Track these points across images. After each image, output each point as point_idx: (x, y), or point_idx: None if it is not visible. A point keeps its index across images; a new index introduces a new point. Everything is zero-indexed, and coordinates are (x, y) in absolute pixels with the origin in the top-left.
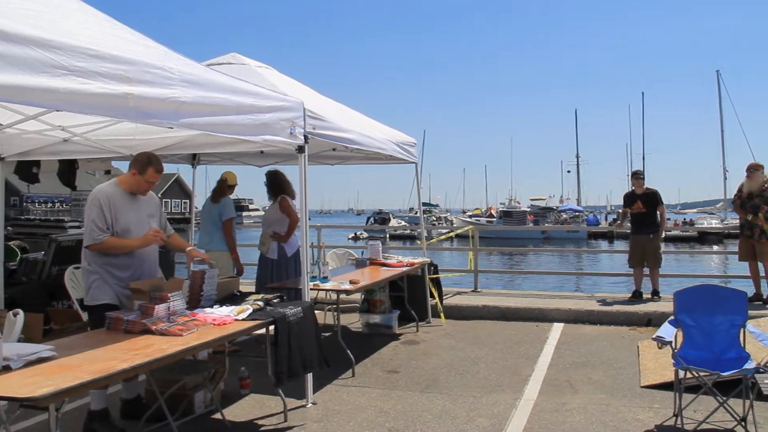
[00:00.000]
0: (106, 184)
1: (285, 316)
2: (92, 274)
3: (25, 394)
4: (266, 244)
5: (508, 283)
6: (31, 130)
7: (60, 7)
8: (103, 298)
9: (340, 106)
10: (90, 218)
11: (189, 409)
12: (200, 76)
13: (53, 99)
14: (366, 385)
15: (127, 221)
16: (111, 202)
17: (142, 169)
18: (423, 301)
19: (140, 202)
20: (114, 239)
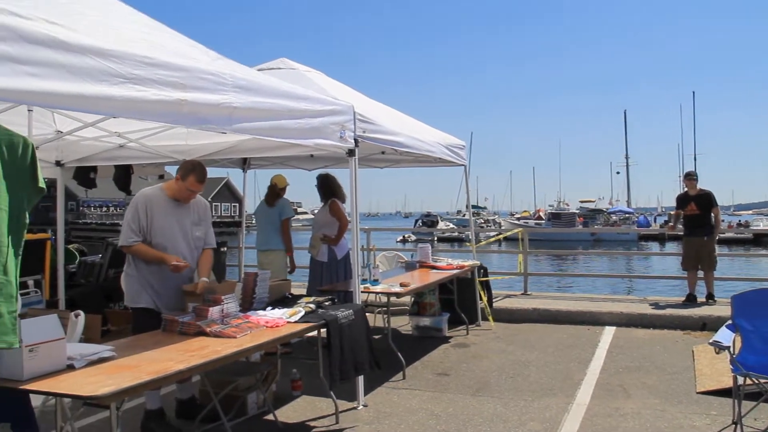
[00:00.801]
0: (152, 188)
1: (336, 319)
2: (131, 277)
3: (89, 393)
4: (316, 246)
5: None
6: (89, 137)
7: (117, 17)
8: (140, 302)
9: (389, 109)
10: (126, 220)
11: (242, 410)
12: (252, 81)
13: (111, 106)
14: (417, 387)
15: (164, 226)
16: (149, 206)
17: (184, 176)
18: (473, 304)
19: (183, 209)
20: (142, 246)
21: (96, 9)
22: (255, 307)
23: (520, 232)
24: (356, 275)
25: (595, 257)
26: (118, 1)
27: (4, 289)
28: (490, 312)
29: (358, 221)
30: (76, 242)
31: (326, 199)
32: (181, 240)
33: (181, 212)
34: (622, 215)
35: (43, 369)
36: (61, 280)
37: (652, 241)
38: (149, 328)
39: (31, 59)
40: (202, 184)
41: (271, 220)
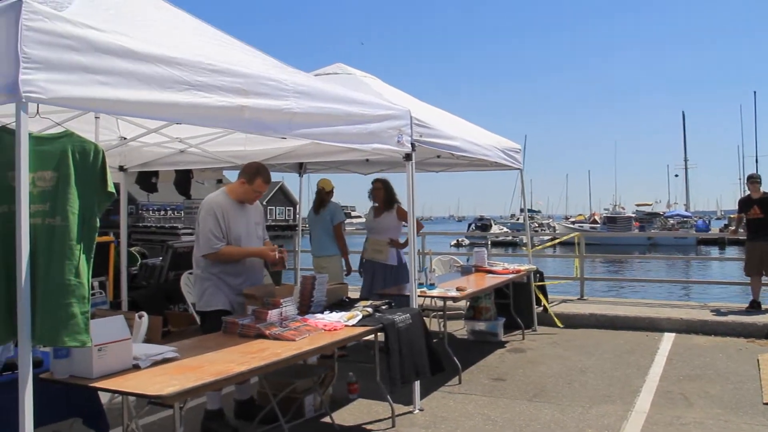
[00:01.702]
0: (216, 194)
1: (394, 323)
2: (205, 281)
3: (154, 392)
4: (383, 251)
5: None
6: (151, 143)
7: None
8: (216, 305)
9: (444, 113)
10: (207, 228)
11: (299, 412)
12: (312, 87)
13: (177, 113)
14: (472, 392)
15: (238, 229)
16: (224, 211)
17: (251, 179)
18: (529, 308)
19: (248, 211)
20: (230, 247)
21: (162, 19)
22: (313, 310)
23: (577, 236)
24: (413, 279)
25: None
26: (182, 12)
27: (77, 291)
28: (553, 316)
29: (415, 225)
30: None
31: (389, 203)
32: (254, 240)
33: (247, 214)
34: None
35: (110, 368)
36: (124, 282)
37: (711, 246)
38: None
39: (103, 68)
40: (267, 185)
41: (324, 226)
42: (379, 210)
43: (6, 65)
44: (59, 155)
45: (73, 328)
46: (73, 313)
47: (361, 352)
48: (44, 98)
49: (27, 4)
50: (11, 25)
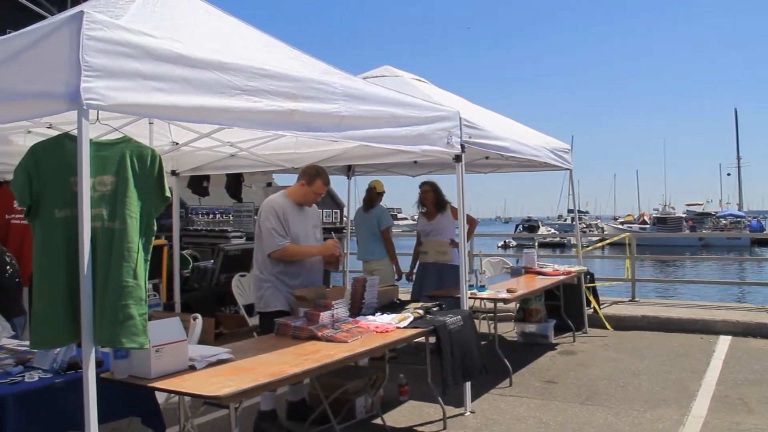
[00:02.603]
0: (276, 196)
1: (445, 325)
2: (265, 282)
3: (211, 393)
4: (448, 252)
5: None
6: (203, 147)
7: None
8: (275, 305)
9: (493, 114)
10: (269, 227)
11: (350, 414)
12: (360, 90)
13: (229, 117)
14: (524, 394)
15: (297, 231)
16: (285, 212)
17: (311, 181)
18: (579, 310)
19: (306, 213)
20: (295, 246)
21: (212, 25)
22: (364, 312)
23: (627, 236)
24: (464, 281)
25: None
26: (231, 17)
27: (135, 293)
28: (603, 318)
29: (465, 226)
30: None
31: (441, 205)
32: (313, 241)
33: (306, 216)
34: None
35: (167, 369)
36: (176, 285)
37: (765, 247)
38: None
39: (159, 75)
40: (327, 187)
41: (371, 230)
42: (431, 213)
43: (68, 74)
44: (118, 160)
45: (132, 329)
46: (132, 314)
47: (411, 354)
48: (104, 105)
49: (88, 14)
50: (73, 35)
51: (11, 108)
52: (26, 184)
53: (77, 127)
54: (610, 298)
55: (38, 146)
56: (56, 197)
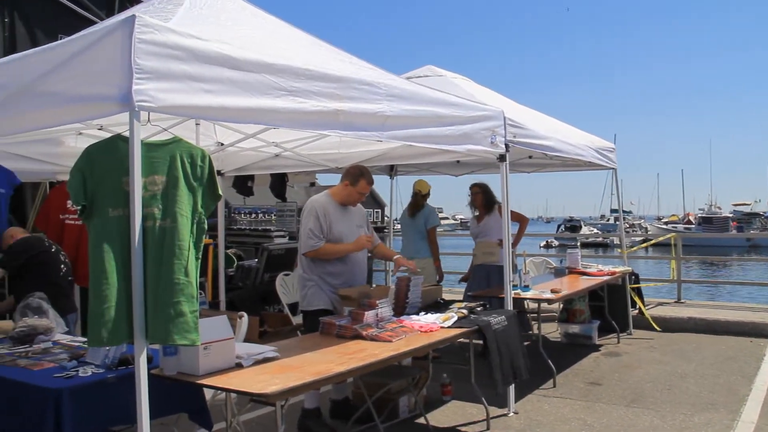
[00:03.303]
0: (320, 196)
1: (490, 324)
2: (308, 281)
3: (258, 390)
4: (495, 253)
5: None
6: (248, 147)
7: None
8: (318, 304)
9: (536, 113)
10: (307, 227)
11: (394, 413)
12: (404, 90)
13: (275, 118)
14: (568, 396)
15: (340, 231)
16: (326, 212)
17: (354, 181)
18: (624, 311)
19: (351, 213)
20: (329, 245)
21: (257, 26)
22: (408, 311)
23: (673, 237)
24: (508, 281)
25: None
26: (275, 17)
27: (186, 290)
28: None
29: (509, 226)
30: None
31: (489, 206)
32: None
33: (349, 216)
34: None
35: (215, 366)
36: (221, 283)
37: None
38: None
39: (207, 77)
40: (370, 187)
41: (417, 228)
42: (480, 214)
43: (120, 76)
44: (169, 160)
45: (183, 326)
46: (183, 311)
47: (454, 354)
48: (155, 107)
49: (140, 18)
50: (125, 39)
51: (66, 111)
52: (81, 185)
53: (129, 128)
54: (655, 299)
55: (92, 147)
56: (109, 197)
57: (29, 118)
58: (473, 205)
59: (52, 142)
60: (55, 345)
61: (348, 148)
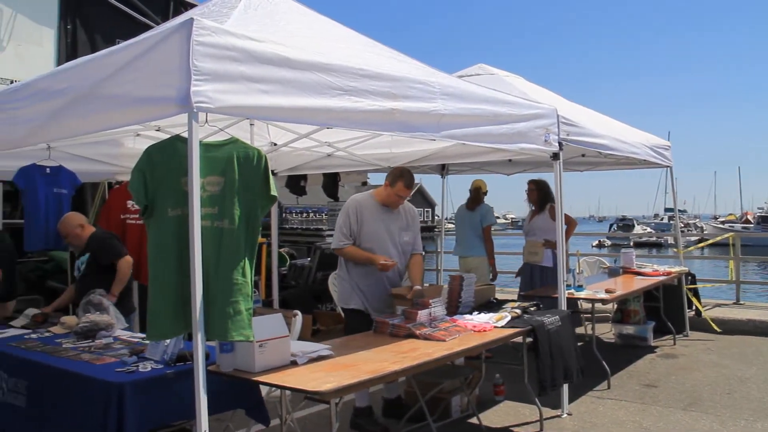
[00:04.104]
0: (361, 194)
1: (543, 324)
2: (344, 281)
3: (313, 388)
4: (539, 253)
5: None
6: (301, 147)
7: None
8: (351, 303)
9: (589, 110)
10: (338, 224)
11: (446, 413)
12: (458, 88)
13: (330, 117)
14: (623, 398)
15: (373, 231)
16: (359, 211)
17: (393, 182)
18: (680, 312)
19: (392, 214)
20: (352, 248)
21: (310, 26)
22: (461, 311)
23: (731, 236)
24: (561, 280)
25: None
26: (327, 18)
27: (243, 289)
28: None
29: (563, 225)
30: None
31: (542, 204)
32: (390, 244)
33: (391, 218)
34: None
35: (270, 363)
36: (275, 282)
37: None
38: (361, 328)
39: (263, 77)
40: (410, 189)
41: (473, 226)
42: (534, 212)
43: (178, 78)
44: (226, 161)
45: (240, 323)
46: (240, 309)
47: (507, 354)
48: (212, 108)
49: (197, 20)
50: (184, 41)
51: (127, 113)
52: (142, 185)
53: (187, 129)
54: (713, 300)
55: (152, 148)
56: (169, 197)
57: (92, 120)
58: (529, 201)
59: (111, 143)
60: (115, 341)
61: (400, 147)
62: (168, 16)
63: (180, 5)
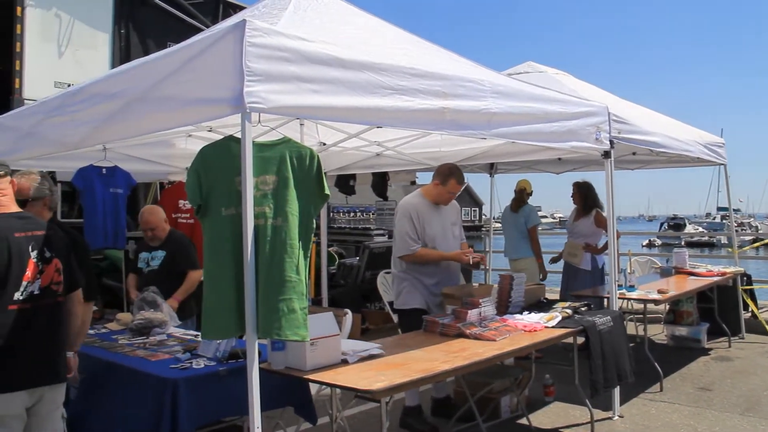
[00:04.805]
0: (412, 196)
1: (595, 325)
2: (403, 281)
3: (364, 387)
4: (578, 255)
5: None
6: (350, 147)
7: (378, 32)
8: (412, 304)
9: (641, 107)
10: (403, 230)
11: (495, 413)
12: (509, 87)
13: (381, 117)
14: (676, 401)
15: (433, 231)
16: (419, 213)
17: (444, 180)
18: (735, 314)
19: (443, 211)
20: (425, 250)
21: (359, 26)
22: (511, 310)
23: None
24: (613, 280)
25: None
26: (375, 17)
27: (297, 287)
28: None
29: (615, 225)
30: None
31: (587, 208)
32: (451, 240)
33: (442, 214)
34: None
35: (321, 362)
36: (324, 281)
37: None
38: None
39: (314, 77)
40: (461, 186)
41: (518, 228)
42: (578, 213)
43: (232, 79)
44: (279, 160)
45: (294, 322)
46: (294, 308)
47: (557, 354)
48: (265, 108)
49: (250, 22)
50: (237, 43)
51: (181, 114)
52: (197, 185)
53: (240, 129)
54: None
55: (206, 148)
56: (223, 196)
57: (147, 121)
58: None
59: (164, 144)
60: (169, 338)
61: (449, 146)
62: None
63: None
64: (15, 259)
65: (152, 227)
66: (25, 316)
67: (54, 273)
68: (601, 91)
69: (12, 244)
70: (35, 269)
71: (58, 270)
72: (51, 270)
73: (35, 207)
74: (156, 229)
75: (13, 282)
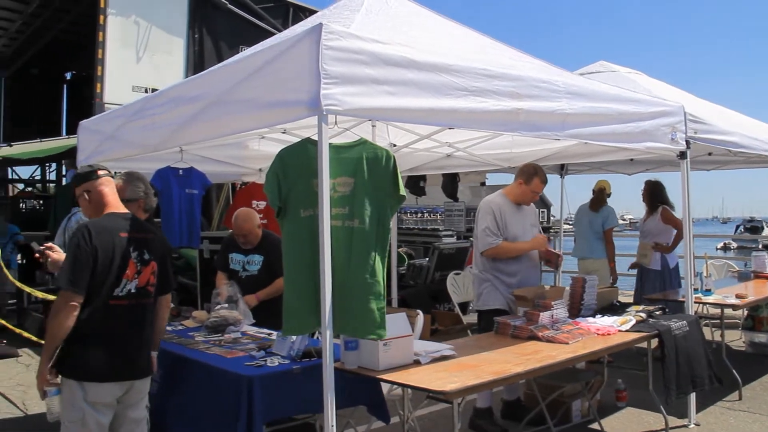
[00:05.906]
0: (494, 195)
1: (670, 329)
2: (484, 281)
3: (437, 387)
4: (648, 255)
5: None
6: (421, 148)
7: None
8: (493, 304)
9: (718, 106)
10: (484, 226)
11: (566, 417)
12: (582, 87)
13: (455, 118)
14: (756, 411)
15: (516, 230)
16: (502, 211)
17: (528, 180)
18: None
19: (524, 212)
20: (506, 243)
21: (431, 28)
22: (583, 313)
23: None
24: (689, 284)
25: None
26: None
27: (374, 288)
28: None
29: (691, 227)
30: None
31: (654, 206)
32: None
33: (524, 215)
34: None
35: (394, 362)
36: (394, 282)
37: None
38: None
39: (389, 79)
40: (544, 185)
41: (594, 228)
42: (647, 213)
43: (308, 82)
44: (355, 162)
45: (371, 322)
46: (371, 308)
47: (630, 359)
48: (341, 110)
49: (326, 25)
50: (313, 46)
51: (258, 116)
52: (276, 187)
53: (317, 131)
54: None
55: (285, 151)
56: (301, 198)
57: (225, 124)
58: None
59: (237, 145)
60: (243, 335)
61: (520, 147)
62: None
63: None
64: (118, 258)
65: (245, 233)
66: (123, 312)
67: (150, 275)
68: (677, 89)
69: (117, 243)
70: (134, 269)
71: (153, 273)
72: (148, 272)
73: (130, 208)
74: (250, 234)
75: (115, 279)
